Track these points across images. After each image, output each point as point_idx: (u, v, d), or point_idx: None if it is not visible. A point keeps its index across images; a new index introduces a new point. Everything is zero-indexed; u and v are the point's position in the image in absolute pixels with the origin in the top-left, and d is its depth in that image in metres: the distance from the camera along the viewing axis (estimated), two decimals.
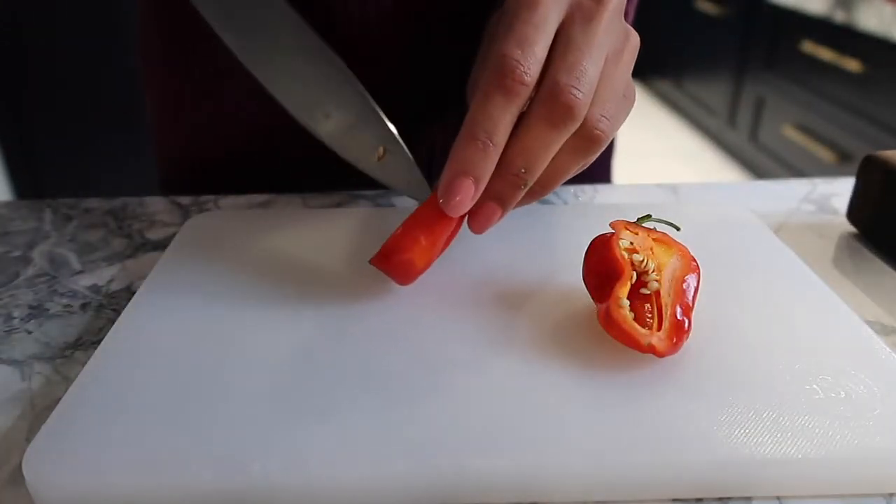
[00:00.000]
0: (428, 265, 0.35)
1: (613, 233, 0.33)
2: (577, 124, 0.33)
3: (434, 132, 0.56)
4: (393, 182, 0.37)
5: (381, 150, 0.36)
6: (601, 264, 0.33)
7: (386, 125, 0.36)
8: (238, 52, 0.37)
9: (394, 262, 0.34)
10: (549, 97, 0.32)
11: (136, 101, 0.63)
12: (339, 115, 0.37)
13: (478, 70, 0.42)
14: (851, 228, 0.47)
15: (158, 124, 0.61)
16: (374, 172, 0.37)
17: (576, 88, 0.32)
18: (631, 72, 0.36)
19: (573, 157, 0.35)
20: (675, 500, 0.26)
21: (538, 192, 0.36)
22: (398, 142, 0.36)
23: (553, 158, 0.34)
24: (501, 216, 0.35)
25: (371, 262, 0.35)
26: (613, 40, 0.34)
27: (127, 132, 1.72)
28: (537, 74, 0.32)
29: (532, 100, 0.33)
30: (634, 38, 0.36)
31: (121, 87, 1.68)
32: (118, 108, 1.79)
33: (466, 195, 0.32)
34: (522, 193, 0.34)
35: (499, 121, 0.32)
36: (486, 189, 0.33)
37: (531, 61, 0.32)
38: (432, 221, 0.34)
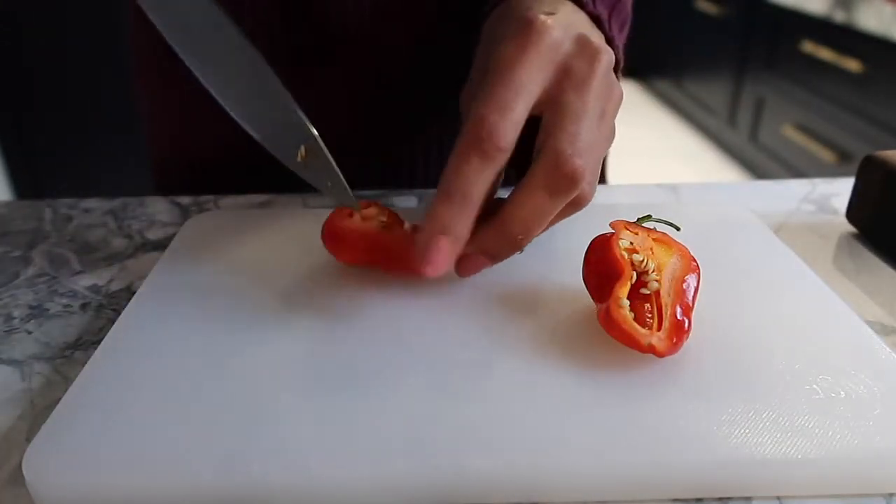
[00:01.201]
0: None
1: (613, 233, 0.33)
2: (578, 192, 0.32)
3: (433, 131, 0.56)
4: (316, 184, 0.37)
5: (302, 150, 0.36)
6: (601, 264, 0.33)
7: (307, 126, 0.36)
8: (180, 52, 0.37)
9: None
10: (551, 167, 0.31)
11: (135, 102, 0.63)
12: (262, 113, 0.37)
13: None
14: (851, 228, 0.47)
15: (156, 126, 0.61)
16: (300, 171, 0.37)
17: (578, 157, 0.31)
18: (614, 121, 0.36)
19: (560, 216, 0.35)
20: (675, 500, 0.26)
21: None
22: (319, 144, 0.36)
23: None
24: (490, 266, 0.35)
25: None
26: (603, 99, 0.34)
27: (127, 132, 1.71)
28: (515, 139, 0.32)
29: (532, 165, 0.32)
30: (619, 91, 0.35)
31: (121, 87, 1.68)
32: (118, 109, 1.79)
33: (444, 255, 0.31)
34: (516, 252, 0.34)
35: (475, 182, 0.31)
36: (479, 244, 0.33)
37: (509, 126, 0.31)
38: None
